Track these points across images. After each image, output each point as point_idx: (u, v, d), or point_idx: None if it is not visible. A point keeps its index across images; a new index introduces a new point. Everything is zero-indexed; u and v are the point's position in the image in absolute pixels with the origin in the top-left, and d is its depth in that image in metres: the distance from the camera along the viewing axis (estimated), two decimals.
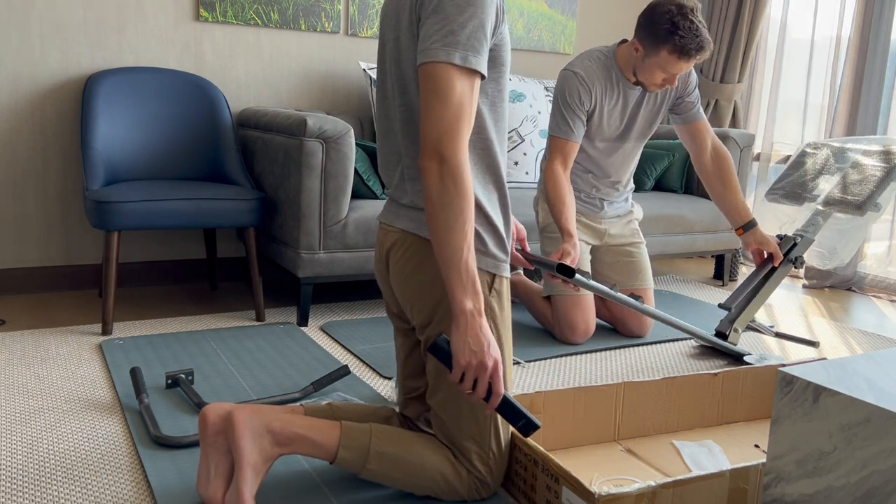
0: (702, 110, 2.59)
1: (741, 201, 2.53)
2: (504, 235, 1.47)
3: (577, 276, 2.11)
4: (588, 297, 2.55)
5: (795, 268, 2.48)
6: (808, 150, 2.59)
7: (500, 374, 1.33)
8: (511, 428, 1.54)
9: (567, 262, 2.17)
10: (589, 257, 2.61)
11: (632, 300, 2.25)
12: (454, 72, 1.30)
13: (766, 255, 2.52)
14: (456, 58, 1.30)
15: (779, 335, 2.57)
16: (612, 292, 2.19)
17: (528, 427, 1.38)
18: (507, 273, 1.47)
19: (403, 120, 1.46)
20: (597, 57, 2.47)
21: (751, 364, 2.39)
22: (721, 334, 2.48)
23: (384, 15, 1.52)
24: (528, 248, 1.95)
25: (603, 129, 2.52)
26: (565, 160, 2.44)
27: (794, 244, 2.50)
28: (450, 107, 1.29)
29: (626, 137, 2.57)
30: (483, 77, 1.35)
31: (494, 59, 1.42)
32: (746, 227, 2.50)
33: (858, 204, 2.30)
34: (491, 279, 1.45)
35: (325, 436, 1.41)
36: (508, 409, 1.37)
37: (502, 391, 1.34)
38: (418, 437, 1.48)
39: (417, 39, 1.38)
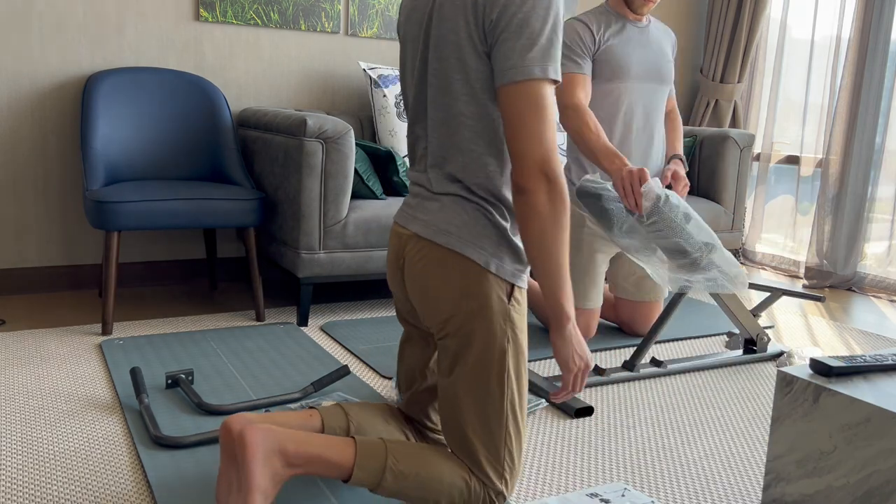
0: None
1: (675, 141, 2.65)
2: (522, 249, 1.47)
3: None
4: (596, 309, 2.56)
5: None
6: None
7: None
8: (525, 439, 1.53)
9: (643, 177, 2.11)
10: (605, 267, 2.60)
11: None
12: (548, 87, 1.33)
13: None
14: (550, 72, 1.32)
15: (785, 293, 2.56)
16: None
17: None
18: (524, 283, 1.47)
19: (441, 122, 1.44)
20: (591, 11, 2.52)
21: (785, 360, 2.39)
22: (750, 341, 2.52)
23: (411, 10, 1.49)
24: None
25: (629, 65, 2.46)
26: (585, 91, 2.38)
27: None
28: (548, 123, 1.32)
29: (649, 76, 2.51)
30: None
31: None
32: (670, 158, 2.59)
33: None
34: (510, 289, 1.44)
35: (340, 455, 1.37)
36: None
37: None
38: (434, 453, 1.44)
39: (483, 46, 1.36)
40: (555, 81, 1.35)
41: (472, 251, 1.39)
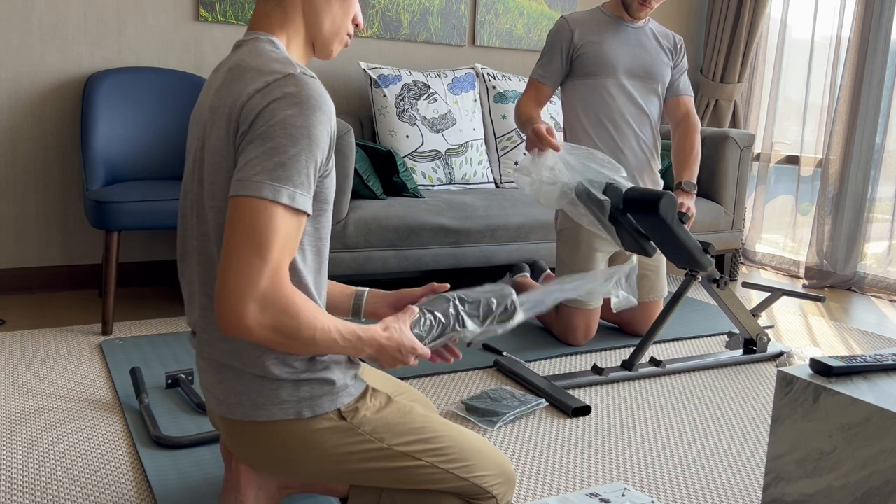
0: (687, 84, 2.68)
1: (685, 161, 2.60)
2: (329, 371, 1.23)
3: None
4: (596, 309, 2.56)
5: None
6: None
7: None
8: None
9: (542, 128, 2.25)
10: (605, 266, 2.59)
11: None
12: (280, 214, 1.06)
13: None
14: (283, 196, 1.05)
15: (785, 293, 2.56)
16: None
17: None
18: (349, 397, 1.23)
19: (200, 259, 1.21)
20: (585, 11, 2.62)
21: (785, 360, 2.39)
22: (750, 341, 2.51)
23: (193, 121, 1.27)
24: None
25: (616, 62, 2.53)
26: (538, 100, 2.56)
27: None
28: (264, 259, 1.05)
29: (635, 73, 2.57)
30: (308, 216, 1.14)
31: (317, 195, 1.18)
32: (676, 186, 2.60)
33: None
34: (338, 415, 1.22)
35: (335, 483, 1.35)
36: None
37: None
38: None
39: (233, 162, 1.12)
40: (295, 210, 1.06)
41: (276, 411, 1.18)
